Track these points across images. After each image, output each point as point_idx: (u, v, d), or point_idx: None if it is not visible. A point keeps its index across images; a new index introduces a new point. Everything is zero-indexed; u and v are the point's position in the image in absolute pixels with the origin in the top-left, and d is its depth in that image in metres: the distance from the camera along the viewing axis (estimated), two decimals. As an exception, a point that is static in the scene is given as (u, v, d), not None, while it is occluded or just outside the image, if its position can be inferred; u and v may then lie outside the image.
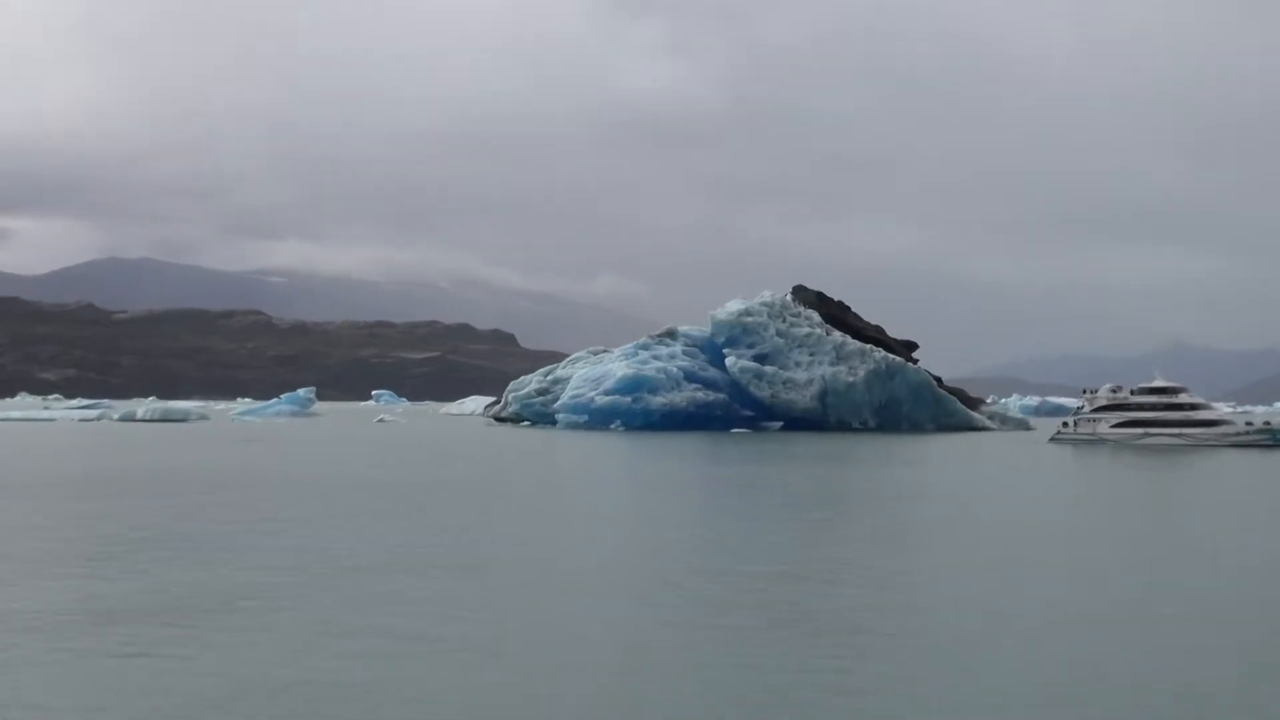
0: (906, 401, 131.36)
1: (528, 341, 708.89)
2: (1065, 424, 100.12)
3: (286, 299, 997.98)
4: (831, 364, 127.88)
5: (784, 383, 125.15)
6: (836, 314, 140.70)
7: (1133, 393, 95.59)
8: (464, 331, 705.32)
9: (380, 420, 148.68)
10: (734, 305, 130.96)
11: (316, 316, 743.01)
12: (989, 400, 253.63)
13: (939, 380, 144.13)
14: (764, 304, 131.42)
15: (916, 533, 30.03)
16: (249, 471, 51.90)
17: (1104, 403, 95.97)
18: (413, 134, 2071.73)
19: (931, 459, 71.51)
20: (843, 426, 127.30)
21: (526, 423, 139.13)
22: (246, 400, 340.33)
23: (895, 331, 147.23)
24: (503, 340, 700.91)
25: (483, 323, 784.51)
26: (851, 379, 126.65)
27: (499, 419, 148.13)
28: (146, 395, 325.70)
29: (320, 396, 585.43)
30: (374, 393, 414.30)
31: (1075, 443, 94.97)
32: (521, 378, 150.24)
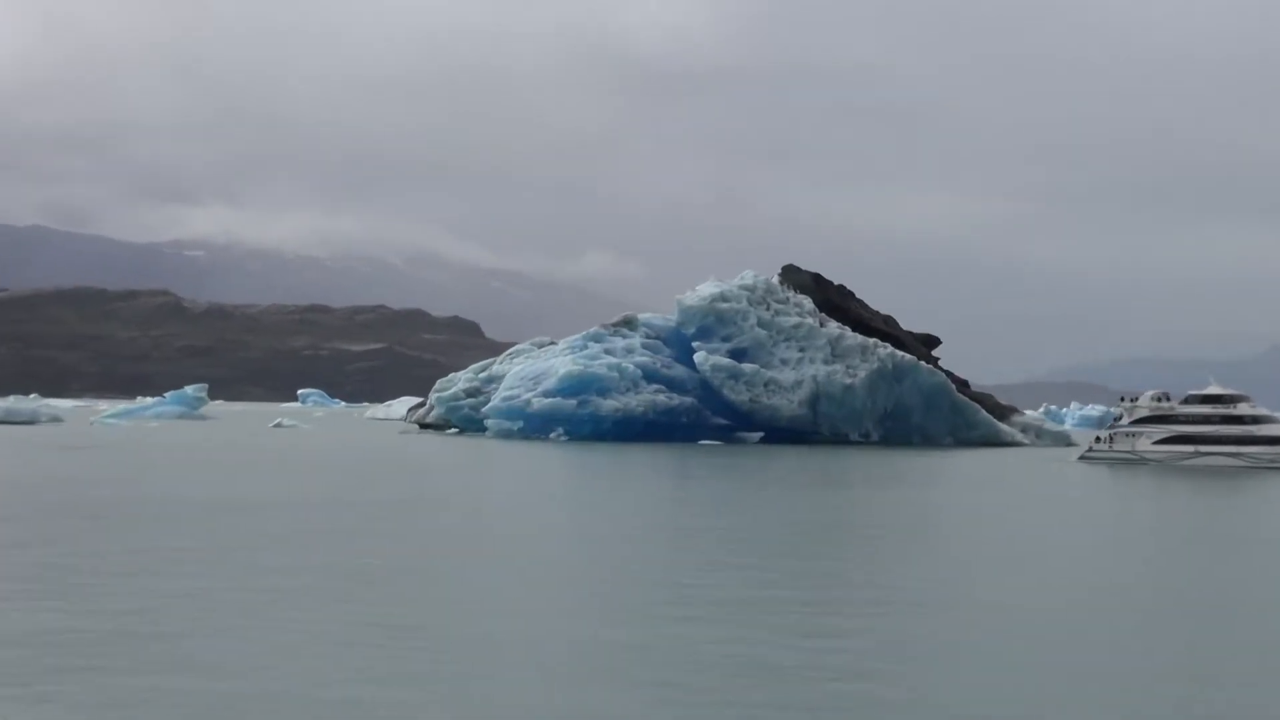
0: (917, 410, 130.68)
1: (495, 332, 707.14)
2: (1098, 439, 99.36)
3: (203, 277, 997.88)
4: (826, 362, 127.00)
5: (766, 384, 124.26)
6: (836, 300, 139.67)
7: (1182, 402, 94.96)
8: (417, 319, 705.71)
9: (277, 425, 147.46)
10: (706, 288, 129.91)
11: (238, 298, 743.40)
12: (1040, 408, 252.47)
13: (963, 385, 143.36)
14: (743, 287, 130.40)
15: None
16: None
17: (1146, 413, 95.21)
18: (359, 77, 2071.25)
19: (921, 482, 70.47)
20: (838, 439, 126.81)
21: (454, 430, 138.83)
22: (146, 400, 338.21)
23: (928, 325, 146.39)
24: (463, 330, 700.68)
25: (441, 308, 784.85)
26: (849, 381, 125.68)
27: (423, 425, 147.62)
28: (27, 392, 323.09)
29: (238, 395, 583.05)
30: (300, 392, 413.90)
31: (1110, 462, 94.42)
32: (451, 375, 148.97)
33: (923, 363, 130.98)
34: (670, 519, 39.77)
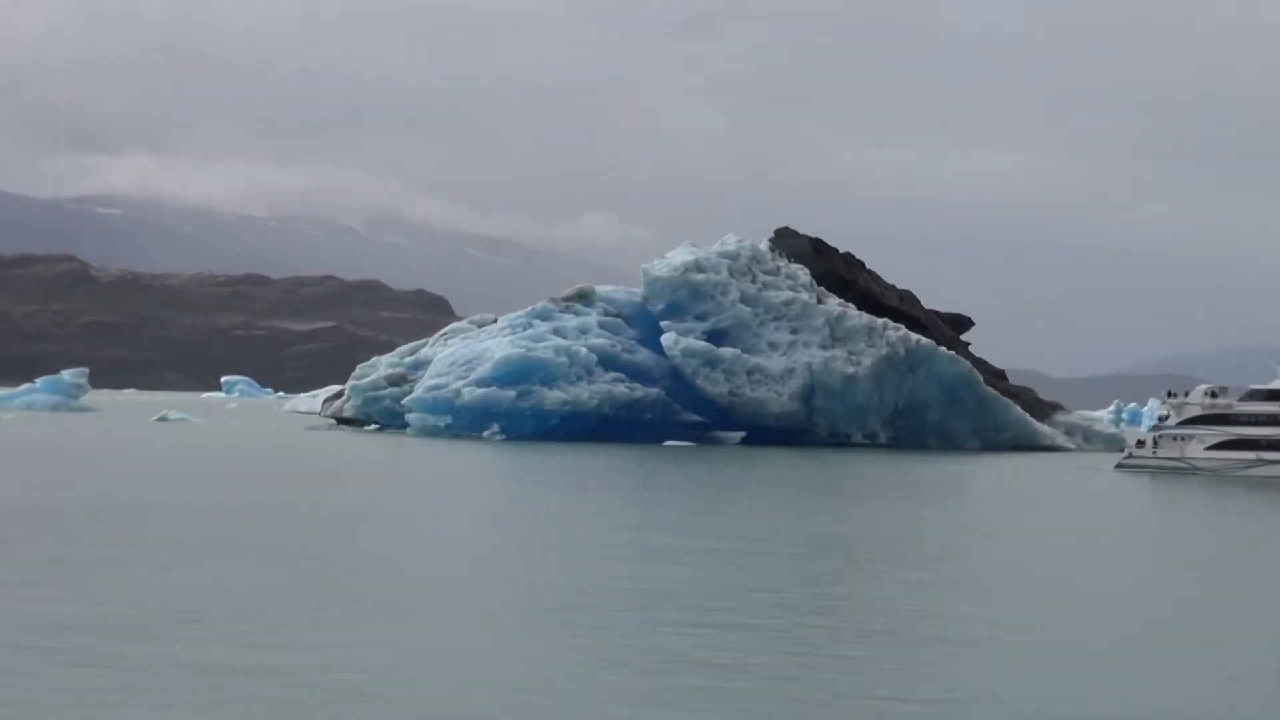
0: (936, 405, 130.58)
1: (470, 308, 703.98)
2: (1140, 443, 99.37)
3: (116, 239, 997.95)
4: (823, 346, 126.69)
5: (750, 373, 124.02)
6: (840, 271, 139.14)
7: (1242, 398, 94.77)
8: (374, 293, 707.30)
9: (161, 419, 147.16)
10: (678, 255, 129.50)
11: (158, 265, 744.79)
12: (1110, 406, 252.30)
13: (997, 376, 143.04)
14: (724, 254, 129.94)
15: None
16: None
17: (1198, 412, 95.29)
18: (311, 4, 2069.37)
19: (902, 495, 69.67)
20: (837, 440, 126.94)
21: (374, 426, 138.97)
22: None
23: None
24: (430, 306, 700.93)
25: (404, 280, 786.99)
26: (852, 370, 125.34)
27: (340, 420, 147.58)
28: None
29: (154, 383, 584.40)
30: (225, 380, 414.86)
31: (1154, 471, 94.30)
32: (375, 359, 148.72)
33: (942, 348, 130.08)
34: (630, 562, 35.64)
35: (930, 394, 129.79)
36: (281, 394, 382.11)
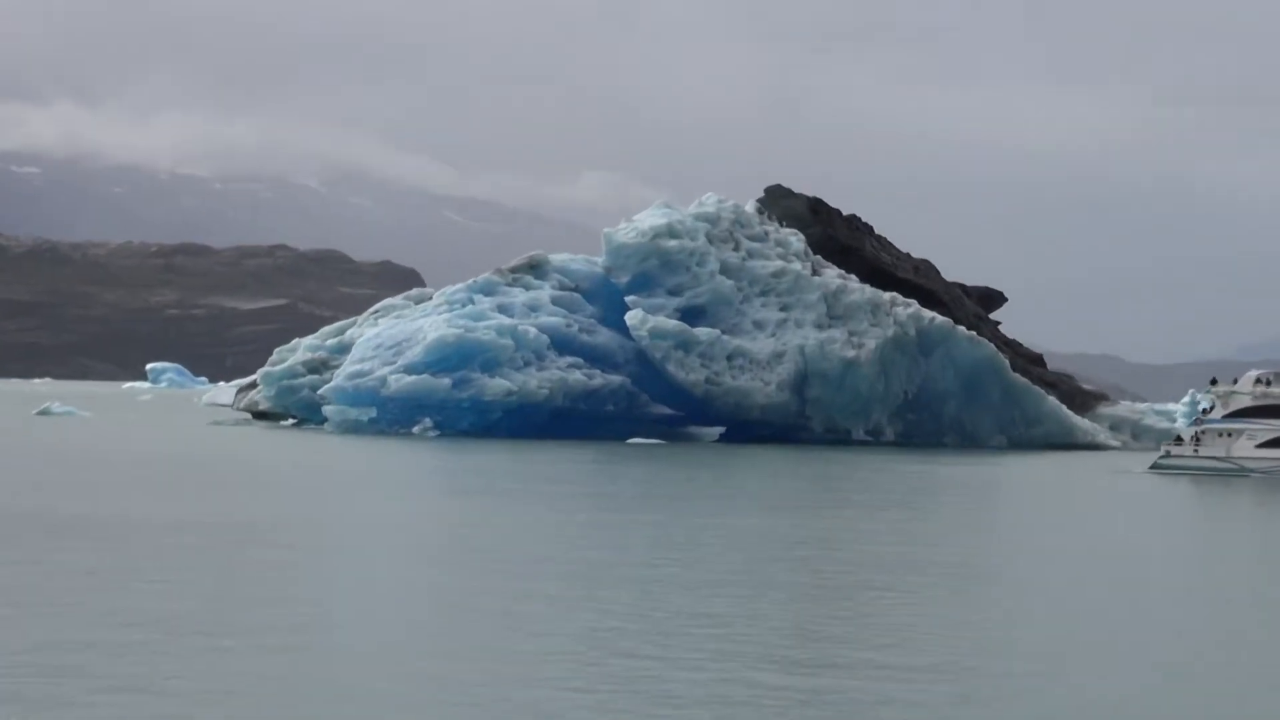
0: (954, 396, 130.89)
1: (444, 281, 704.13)
2: (1179, 439, 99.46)
3: (33, 202, 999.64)
4: (819, 326, 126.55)
5: (731, 358, 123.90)
6: (843, 237, 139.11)
7: None
8: (332, 264, 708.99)
9: (44, 412, 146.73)
10: (647, 217, 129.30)
11: (81, 233, 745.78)
12: (1185, 396, 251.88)
13: (1033, 361, 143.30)
14: (701, 216, 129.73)
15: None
16: None
17: (1248, 402, 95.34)
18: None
19: (871, 504, 69.12)
20: (835, 437, 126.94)
21: (291, 420, 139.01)
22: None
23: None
24: (396, 280, 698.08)
25: (370, 249, 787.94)
26: (853, 353, 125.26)
27: (256, 414, 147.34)
28: None
29: (76, 372, 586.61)
30: (151, 367, 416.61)
31: (1195, 473, 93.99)
32: (296, 340, 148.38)
33: (961, 328, 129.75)
34: (578, 609, 32.53)
35: (946, 382, 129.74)
36: (223, 384, 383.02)
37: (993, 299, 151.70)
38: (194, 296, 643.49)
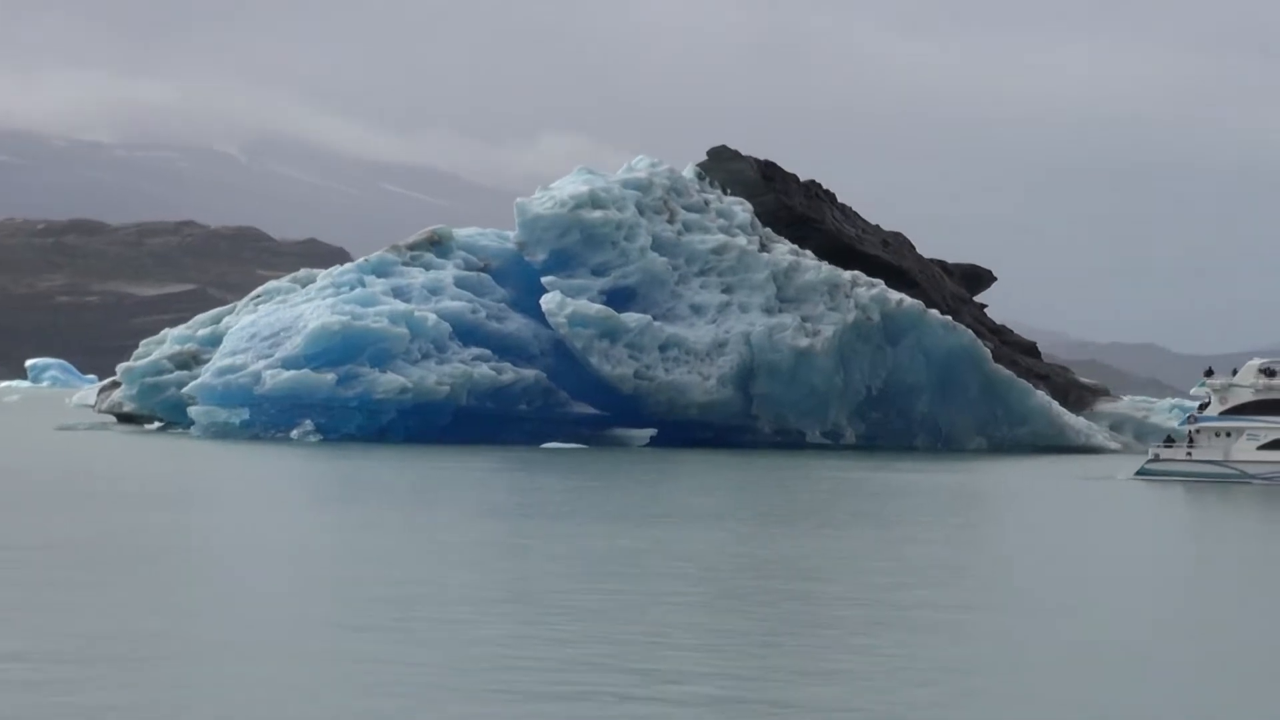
0: (925, 391, 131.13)
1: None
2: (1169, 440, 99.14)
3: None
4: (768, 310, 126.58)
5: (664, 348, 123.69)
6: (800, 206, 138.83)
7: None
8: (249, 242, 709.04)
9: None
10: (567, 184, 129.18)
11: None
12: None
13: (1024, 349, 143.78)
14: (630, 182, 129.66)
15: None
16: None
17: (1249, 397, 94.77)
18: None
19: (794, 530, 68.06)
20: (786, 440, 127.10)
21: (157, 424, 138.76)
22: None
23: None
24: (324, 260, 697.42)
25: (295, 224, 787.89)
26: (807, 342, 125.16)
27: (121, 416, 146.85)
28: None
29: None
30: (31, 363, 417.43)
31: (1186, 479, 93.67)
32: (165, 331, 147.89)
33: (934, 312, 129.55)
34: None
35: (917, 375, 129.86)
36: (96, 381, 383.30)
37: (979, 278, 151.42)
38: (87, 281, 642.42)
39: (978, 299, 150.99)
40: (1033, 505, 79.66)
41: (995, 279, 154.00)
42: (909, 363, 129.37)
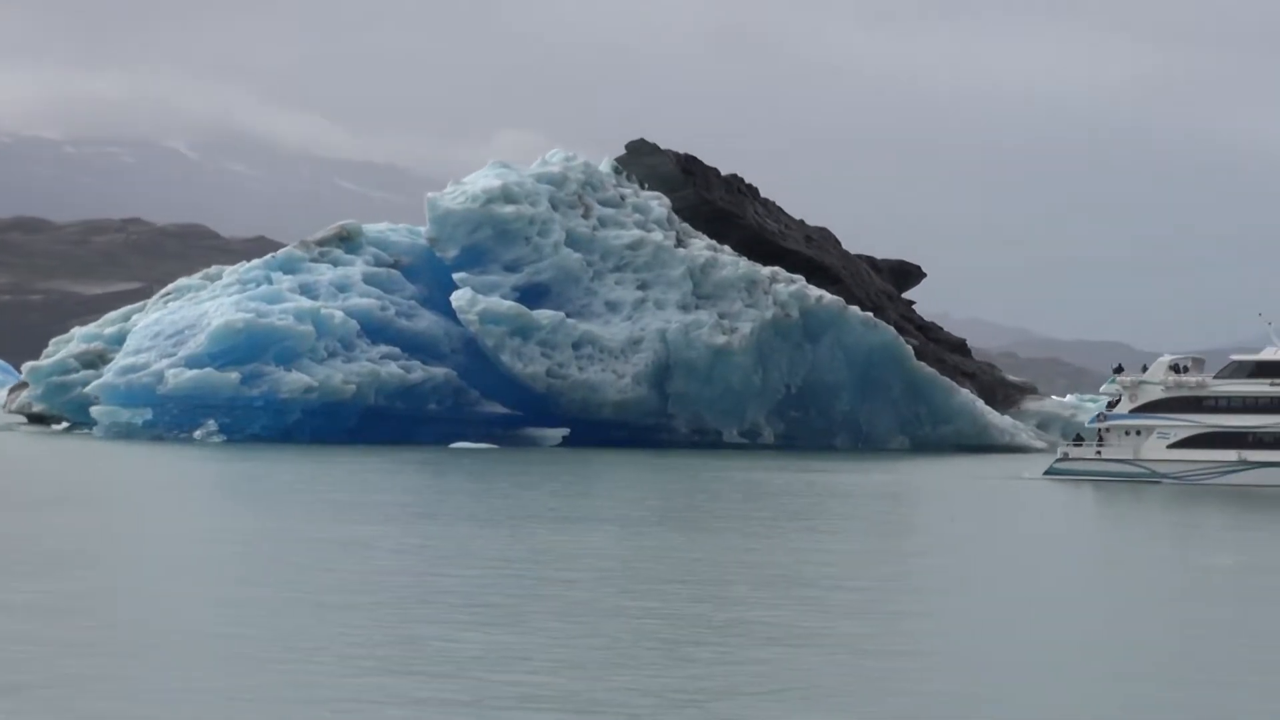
0: (846, 390, 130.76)
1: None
2: (1078, 439, 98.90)
3: None
4: (684, 306, 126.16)
5: (578, 345, 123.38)
6: (721, 201, 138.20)
7: (1219, 374, 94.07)
8: (196, 240, 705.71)
9: None
10: (480, 179, 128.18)
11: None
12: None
13: (953, 347, 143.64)
14: (544, 177, 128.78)
15: None
16: None
17: (1159, 395, 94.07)
18: None
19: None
20: (704, 439, 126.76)
21: (65, 425, 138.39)
22: None
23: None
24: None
25: (246, 222, 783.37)
26: (724, 339, 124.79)
27: (31, 417, 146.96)
28: None
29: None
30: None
31: (1096, 479, 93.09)
32: (75, 329, 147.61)
33: (854, 309, 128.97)
34: None
35: (837, 373, 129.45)
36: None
37: (908, 274, 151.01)
38: (30, 280, 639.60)
39: (907, 295, 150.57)
40: (926, 507, 78.90)
41: (925, 275, 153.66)
42: (829, 361, 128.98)
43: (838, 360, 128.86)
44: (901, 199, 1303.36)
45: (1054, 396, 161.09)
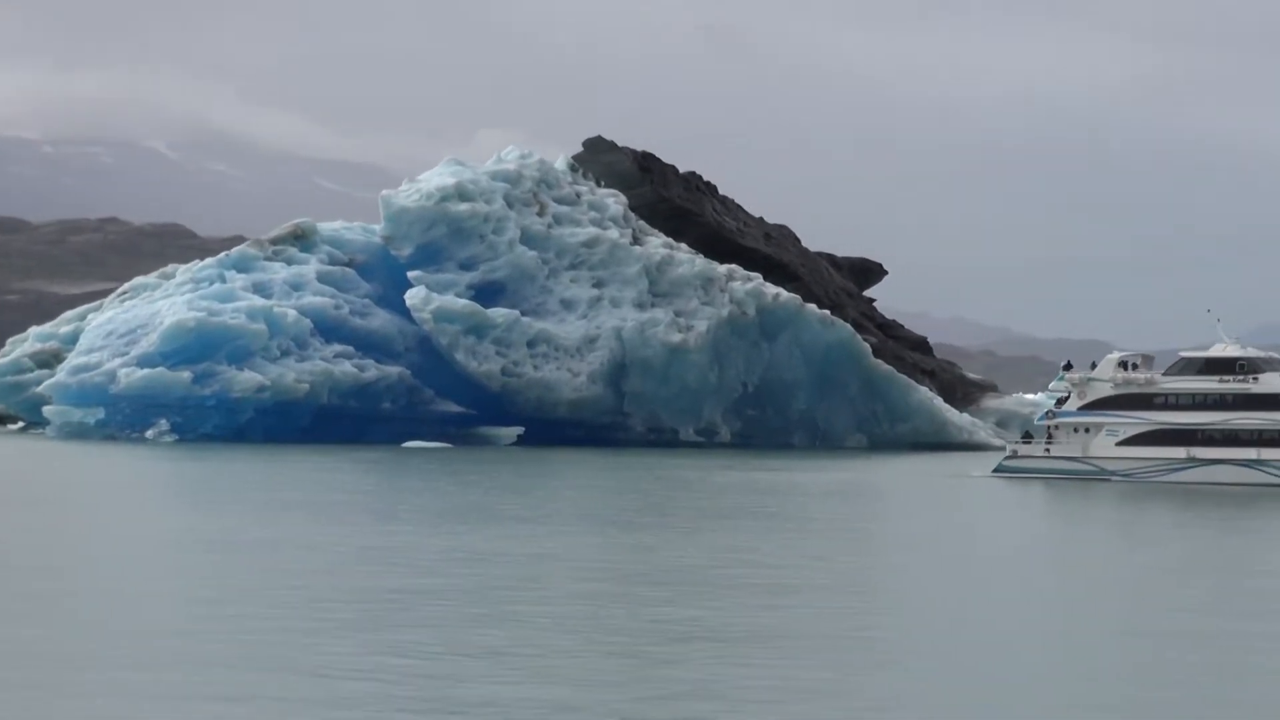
0: (803, 388, 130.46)
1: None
2: (1026, 437, 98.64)
3: None
4: (640, 305, 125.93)
5: (533, 344, 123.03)
6: (679, 199, 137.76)
7: (1168, 371, 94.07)
8: (174, 239, 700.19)
9: None
10: (435, 176, 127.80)
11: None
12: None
13: (914, 345, 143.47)
14: (499, 174, 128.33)
15: None
16: None
17: (1108, 392, 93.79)
18: None
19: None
20: (660, 438, 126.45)
21: (20, 425, 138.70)
22: None
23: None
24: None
25: (226, 221, 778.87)
26: (680, 337, 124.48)
27: None
28: None
29: None
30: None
31: (1046, 476, 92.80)
32: (32, 329, 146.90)
33: (811, 307, 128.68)
34: None
35: (794, 371, 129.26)
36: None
37: (868, 272, 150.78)
38: (7, 280, 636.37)
39: (878, 292, 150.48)
40: (863, 506, 77.62)
41: (886, 272, 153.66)
42: (786, 359, 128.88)
43: (794, 358, 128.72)
44: (882, 197, 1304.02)
45: (1023, 394, 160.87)
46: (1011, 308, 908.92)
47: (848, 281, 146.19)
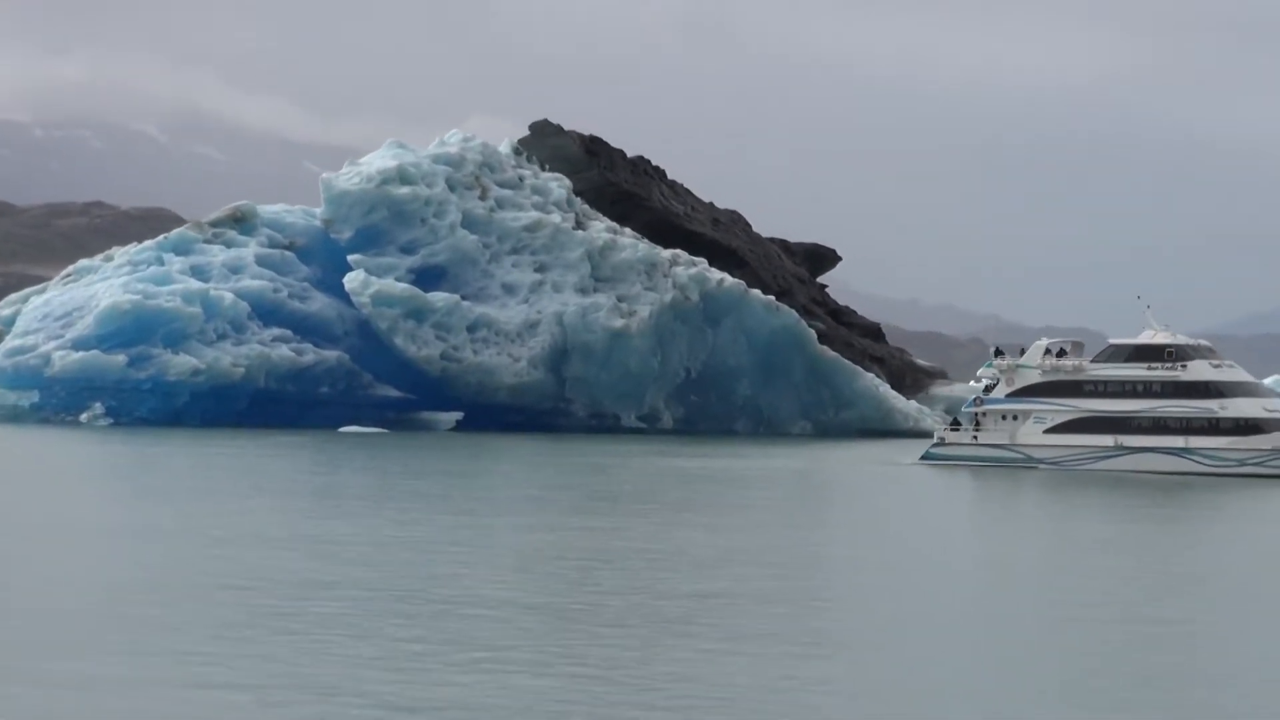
0: (747, 374, 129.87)
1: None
2: (955, 423, 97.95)
3: None
4: (582, 289, 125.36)
5: (473, 328, 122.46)
6: (626, 183, 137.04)
7: (1096, 358, 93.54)
8: (160, 223, 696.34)
9: None
10: (376, 159, 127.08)
11: None
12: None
13: (870, 333, 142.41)
14: (441, 158, 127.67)
15: None
16: None
17: (1036, 379, 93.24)
18: None
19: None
20: (601, 424, 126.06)
21: None
22: None
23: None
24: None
25: (211, 206, 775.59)
26: (622, 322, 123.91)
27: None
28: None
29: None
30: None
31: (973, 464, 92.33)
32: None
33: (755, 292, 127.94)
34: None
35: (738, 357, 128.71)
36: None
37: (822, 258, 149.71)
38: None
39: (821, 279, 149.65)
40: (802, 500, 75.81)
41: (840, 259, 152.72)
42: (730, 344, 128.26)
43: (739, 344, 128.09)
44: (873, 186, 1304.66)
45: (973, 381, 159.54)
46: (1004, 297, 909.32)
47: (800, 268, 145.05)
